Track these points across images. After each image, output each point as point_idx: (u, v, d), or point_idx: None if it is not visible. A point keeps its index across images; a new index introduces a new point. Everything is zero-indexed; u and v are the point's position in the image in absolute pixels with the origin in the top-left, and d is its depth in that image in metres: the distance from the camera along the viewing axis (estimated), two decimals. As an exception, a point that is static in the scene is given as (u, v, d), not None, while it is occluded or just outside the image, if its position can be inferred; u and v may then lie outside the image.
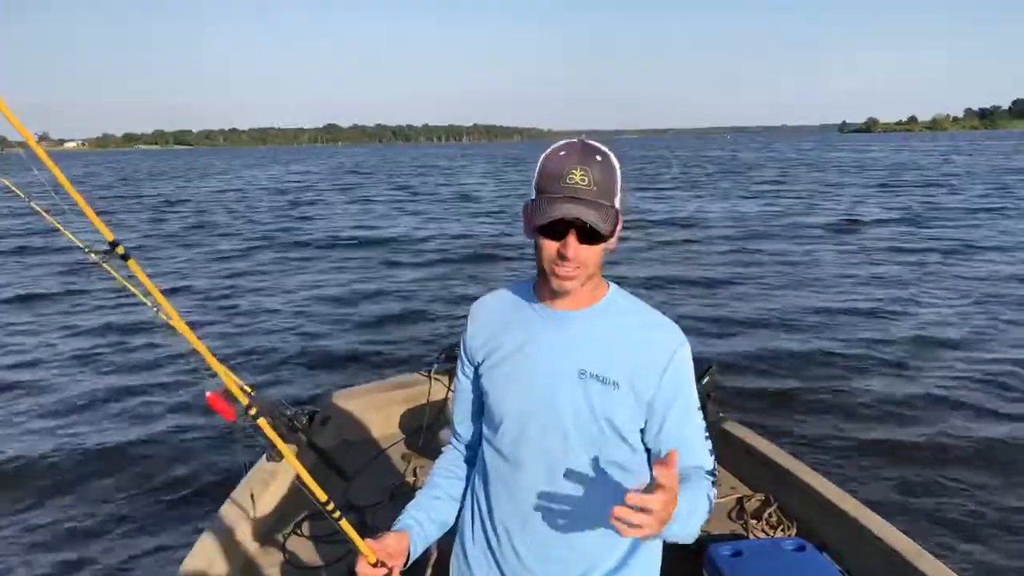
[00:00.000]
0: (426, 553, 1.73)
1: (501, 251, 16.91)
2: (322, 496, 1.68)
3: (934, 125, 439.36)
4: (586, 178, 1.45)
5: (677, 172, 50.58)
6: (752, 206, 25.57)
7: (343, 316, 11.35)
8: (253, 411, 1.72)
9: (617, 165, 1.53)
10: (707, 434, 1.65)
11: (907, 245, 16.53)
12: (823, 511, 3.24)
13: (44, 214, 4.06)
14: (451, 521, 1.81)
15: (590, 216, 1.44)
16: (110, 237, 1.82)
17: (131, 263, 1.95)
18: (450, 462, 1.87)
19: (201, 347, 1.69)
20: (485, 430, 1.75)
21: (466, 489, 1.84)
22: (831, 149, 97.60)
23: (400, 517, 1.71)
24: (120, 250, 1.95)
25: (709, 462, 1.64)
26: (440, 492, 1.80)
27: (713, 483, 1.61)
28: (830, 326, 9.93)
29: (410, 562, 1.65)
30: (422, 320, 11.10)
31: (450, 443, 1.91)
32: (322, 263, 16.23)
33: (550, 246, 1.50)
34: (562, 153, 1.49)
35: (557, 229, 1.48)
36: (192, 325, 1.66)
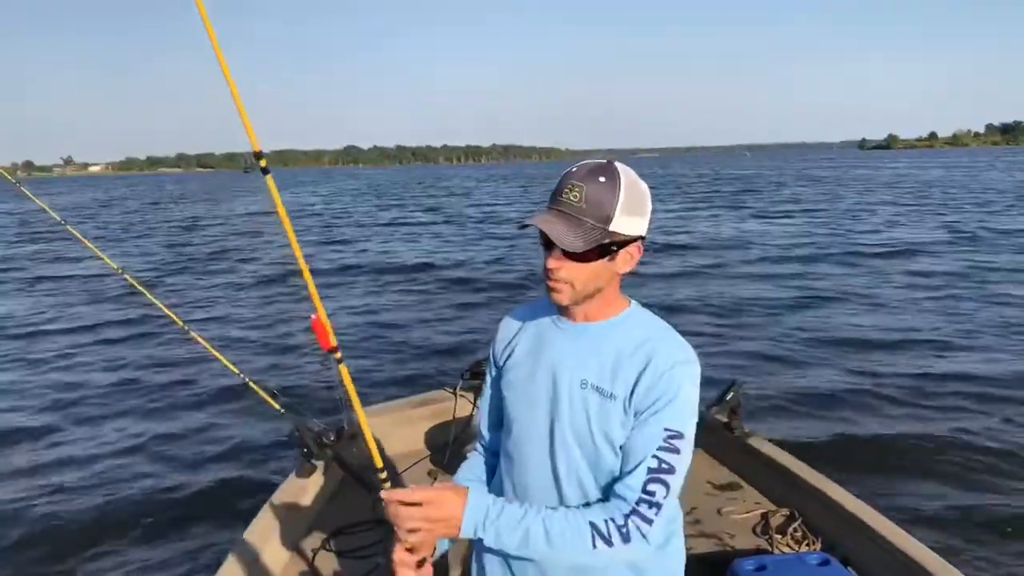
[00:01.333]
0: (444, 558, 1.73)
1: (527, 274, 16.96)
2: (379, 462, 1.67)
3: (955, 141, 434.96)
4: (578, 195, 1.49)
5: (707, 190, 50.21)
6: (788, 225, 25.01)
7: (370, 334, 11.46)
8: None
9: (630, 190, 1.52)
10: (663, 462, 1.49)
11: (960, 268, 15.70)
12: (848, 525, 3.24)
13: (79, 236, 4.22)
14: None
15: (556, 229, 1.48)
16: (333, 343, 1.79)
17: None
18: (472, 466, 1.91)
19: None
20: (503, 437, 1.79)
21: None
22: (856, 166, 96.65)
23: None
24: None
25: (642, 487, 1.49)
26: None
27: (632, 512, 1.47)
28: (872, 347, 9.67)
29: (434, 557, 1.64)
30: (447, 339, 11.18)
31: (475, 449, 1.95)
32: (352, 285, 16.34)
33: (544, 256, 1.57)
34: (573, 170, 1.54)
35: (548, 242, 1.53)
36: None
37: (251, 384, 3.83)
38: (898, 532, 3.04)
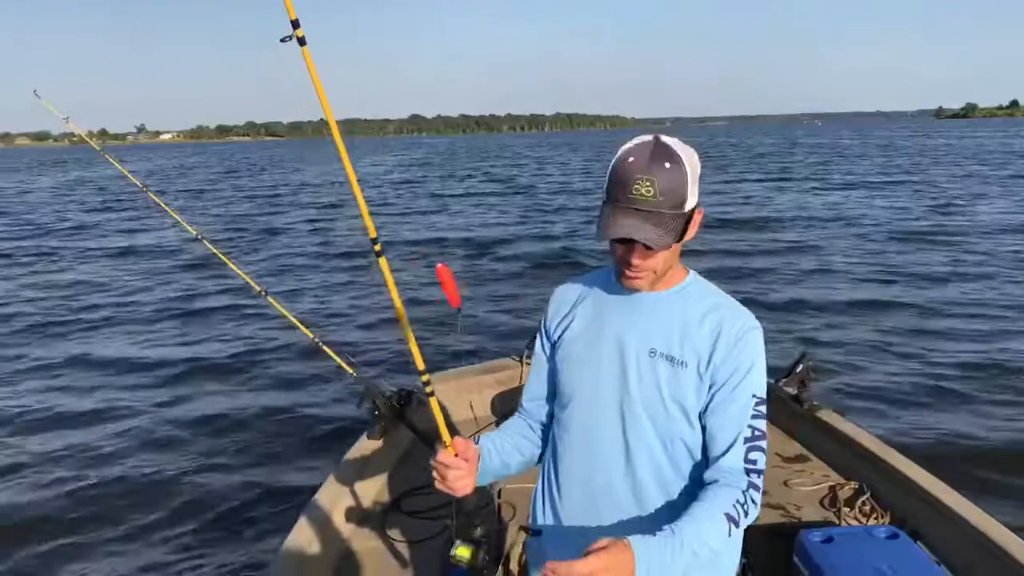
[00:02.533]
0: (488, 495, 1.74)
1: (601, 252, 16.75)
2: (444, 431, 1.68)
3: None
4: (651, 189, 1.47)
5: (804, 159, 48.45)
6: (883, 201, 23.55)
7: (439, 304, 11.59)
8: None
9: (689, 166, 1.51)
10: (755, 428, 1.56)
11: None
12: (918, 500, 3.20)
13: (160, 202, 4.38)
14: (512, 467, 1.80)
15: (649, 234, 1.47)
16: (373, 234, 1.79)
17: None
18: (517, 423, 1.89)
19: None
20: (557, 410, 1.78)
21: (538, 457, 1.86)
22: (937, 135, 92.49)
23: (479, 438, 1.74)
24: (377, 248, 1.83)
25: (744, 457, 1.55)
26: (509, 439, 1.81)
27: (748, 486, 1.53)
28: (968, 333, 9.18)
29: (475, 485, 1.64)
30: (514, 307, 11.28)
31: (517, 413, 1.93)
32: (425, 257, 16.34)
33: (619, 250, 1.56)
34: (631, 160, 1.49)
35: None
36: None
37: (325, 348, 3.93)
38: (971, 508, 3.00)
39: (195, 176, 52.15)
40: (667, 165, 1.48)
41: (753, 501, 1.53)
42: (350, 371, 3.86)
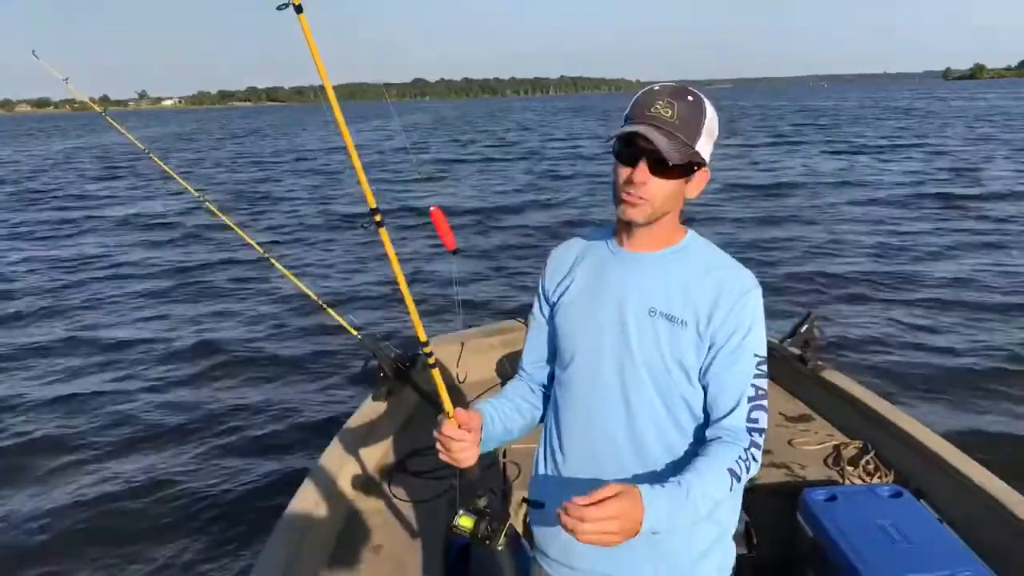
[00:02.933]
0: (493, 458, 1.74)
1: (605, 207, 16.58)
2: (447, 401, 1.67)
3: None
4: (670, 110, 1.50)
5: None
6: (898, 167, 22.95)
7: (443, 267, 11.61)
8: None
9: (711, 113, 1.54)
10: (758, 388, 1.57)
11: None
12: (922, 458, 3.20)
13: (162, 164, 4.36)
14: (514, 432, 1.80)
15: (660, 141, 1.47)
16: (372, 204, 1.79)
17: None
18: (518, 386, 1.88)
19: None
20: (558, 371, 1.78)
21: (539, 419, 1.87)
22: (951, 97, 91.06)
23: (478, 405, 1.73)
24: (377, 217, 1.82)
25: (747, 416, 1.56)
26: (509, 403, 1.81)
27: (750, 444, 1.54)
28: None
29: (479, 454, 1.64)
30: (518, 269, 11.29)
31: (517, 375, 1.92)
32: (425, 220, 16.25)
33: (623, 172, 1.55)
34: (656, 88, 1.54)
35: (632, 155, 1.51)
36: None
37: (329, 311, 3.93)
38: (975, 466, 3.00)
39: (198, 143, 51.82)
40: (690, 99, 1.52)
41: (754, 458, 1.54)
42: (354, 333, 3.86)
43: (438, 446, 1.59)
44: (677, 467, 1.57)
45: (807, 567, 2.78)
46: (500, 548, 1.70)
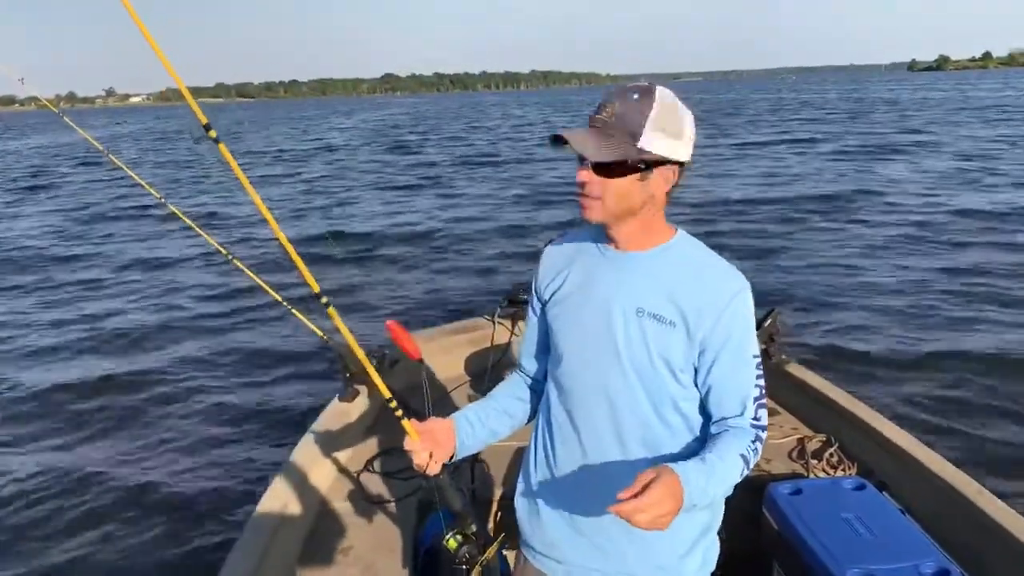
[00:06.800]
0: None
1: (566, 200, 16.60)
2: (386, 393, 1.76)
3: (1011, 61, 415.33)
4: (610, 110, 1.52)
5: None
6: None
7: (410, 262, 11.54)
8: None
9: (660, 109, 1.51)
10: (760, 387, 1.63)
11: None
12: (884, 451, 3.24)
13: (123, 167, 4.29)
14: (501, 432, 1.86)
15: (580, 139, 1.51)
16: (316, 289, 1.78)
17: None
18: (512, 384, 1.93)
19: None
20: (550, 368, 1.80)
21: (530, 416, 1.91)
22: (921, 88, 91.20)
23: (454, 414, 1.79)
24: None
25: (753, 415, 1.62)
26: (496, 404, 1.87)
27: (756, 439, 1.60)
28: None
29: (456, 457, 1.74)
30: (484, 268, 11.29)
31: (515, 372, 1.96)
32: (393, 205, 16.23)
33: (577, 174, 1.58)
34: (613, 89, 1.57)
35: (581, 158, 1.54)
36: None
37: (295, 312, 3.90)
38: (935, 458, 3.04)
39: (162, 144, 51.04)
40: (635, 96, 1.52)
41: (758, 452, 1.60)
42: (320, 334, 3.83)
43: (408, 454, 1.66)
44: (659, 464, 1.58)
45: (773, 561, 2.80)
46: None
